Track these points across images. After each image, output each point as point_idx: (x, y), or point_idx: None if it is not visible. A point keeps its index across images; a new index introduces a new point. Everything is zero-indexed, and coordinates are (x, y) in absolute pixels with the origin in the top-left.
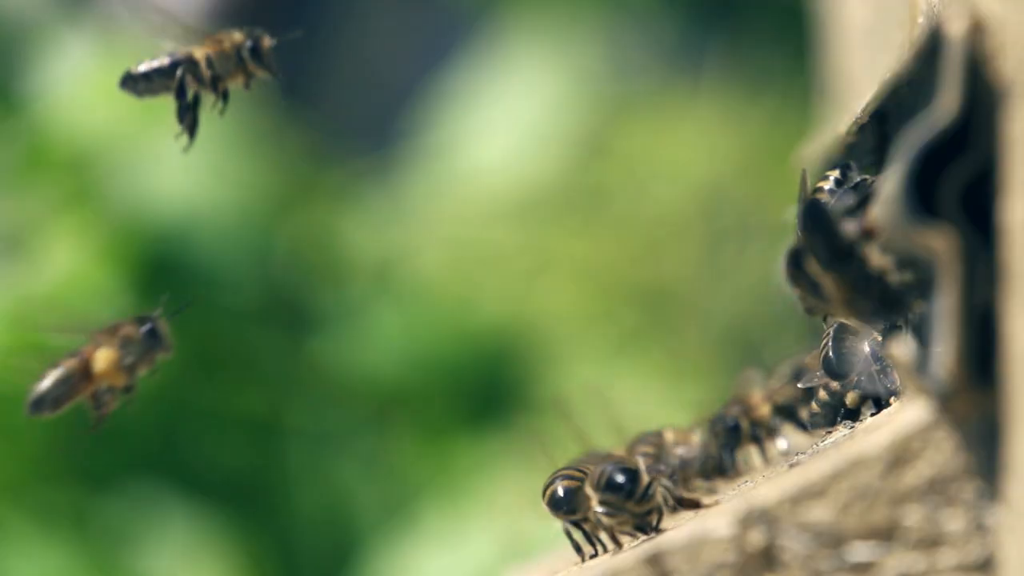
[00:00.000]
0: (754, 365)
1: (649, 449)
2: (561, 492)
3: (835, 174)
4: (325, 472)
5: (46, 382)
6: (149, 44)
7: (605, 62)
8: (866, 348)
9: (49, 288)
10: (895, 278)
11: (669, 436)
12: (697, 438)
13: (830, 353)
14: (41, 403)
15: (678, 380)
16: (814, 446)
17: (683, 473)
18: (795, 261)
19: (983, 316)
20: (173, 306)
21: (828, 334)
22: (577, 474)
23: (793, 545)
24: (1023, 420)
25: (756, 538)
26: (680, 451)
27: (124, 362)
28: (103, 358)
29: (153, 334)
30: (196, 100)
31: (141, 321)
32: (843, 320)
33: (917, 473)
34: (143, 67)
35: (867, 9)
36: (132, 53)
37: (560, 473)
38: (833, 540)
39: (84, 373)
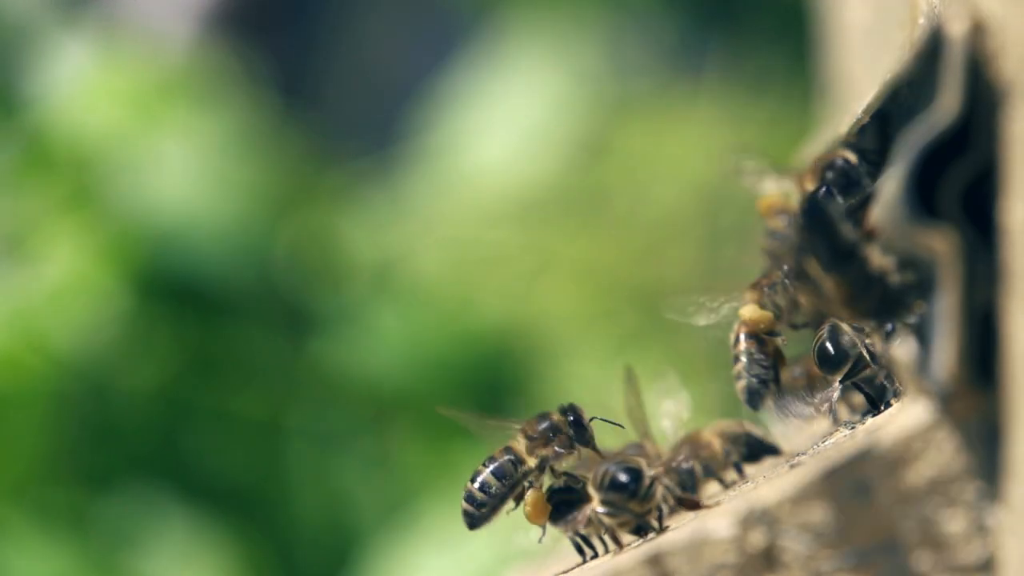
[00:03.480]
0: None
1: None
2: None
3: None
4: (325, 473)
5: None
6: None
7: (605, 62)
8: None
9: (49, 289)
10: (896, 279)
11: (650, 446)
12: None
13: (826, 344)
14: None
15: (678, 380)
16: (814, 447)
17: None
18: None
19: (983, 316)
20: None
21: (819, 336)
22: (573, 484)
23: (794, 546)
24: (1023, 420)
25: (757, 539)
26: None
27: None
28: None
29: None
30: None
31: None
32: (838, 322)
33: (918, 474)
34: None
35: (867, 9)
36: (132, 56)
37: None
38: (834, 541)
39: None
